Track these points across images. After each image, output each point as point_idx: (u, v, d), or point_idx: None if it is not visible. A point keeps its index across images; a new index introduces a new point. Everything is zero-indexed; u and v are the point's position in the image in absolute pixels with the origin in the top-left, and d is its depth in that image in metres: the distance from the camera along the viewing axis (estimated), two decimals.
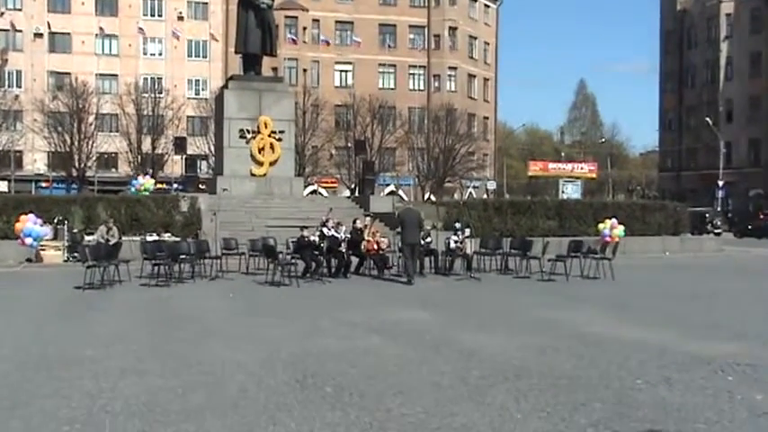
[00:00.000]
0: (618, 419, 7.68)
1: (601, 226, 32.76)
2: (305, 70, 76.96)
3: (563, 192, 73.73)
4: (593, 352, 11.26)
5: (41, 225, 27.93)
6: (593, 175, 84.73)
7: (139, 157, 66.43)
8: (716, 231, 50.61)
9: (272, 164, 37.09)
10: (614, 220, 32.71)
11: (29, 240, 27.46)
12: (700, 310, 16.83)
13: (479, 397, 8.61)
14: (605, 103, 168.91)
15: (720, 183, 72.33)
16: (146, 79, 73.08)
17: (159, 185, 62.46)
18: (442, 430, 7.41)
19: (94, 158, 67.14)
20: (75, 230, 29.07)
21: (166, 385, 9.09)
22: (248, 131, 36.78)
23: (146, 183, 42.50)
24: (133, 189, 41.41)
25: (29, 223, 27.61)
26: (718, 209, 66.36)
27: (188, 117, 71.15)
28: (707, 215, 53.99)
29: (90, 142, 66.22)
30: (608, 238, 30.79)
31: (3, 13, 72.00)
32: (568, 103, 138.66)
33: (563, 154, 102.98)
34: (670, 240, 37.51)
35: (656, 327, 13.95)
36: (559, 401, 8.39)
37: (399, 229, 22.93)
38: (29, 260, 27.53)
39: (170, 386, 9.04)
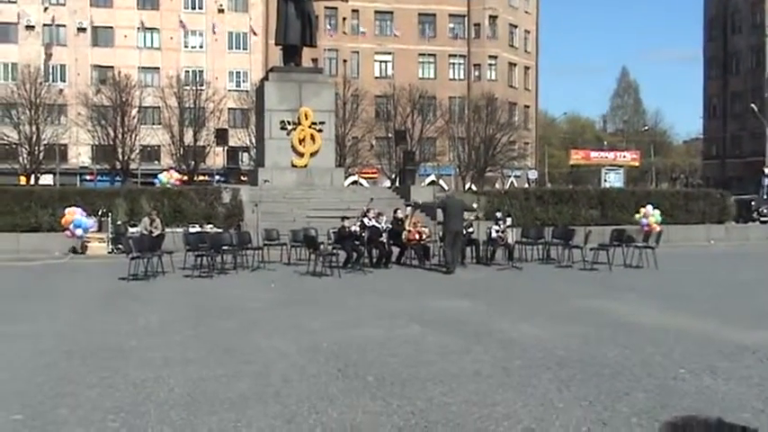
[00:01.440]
0: (661, 409, 7.61)
1: (637, 216, 32.41)
2: (345, 61, 76.98)
3: (605, 180, 73.07)
4: (636, 341, 11.18)
5: (87, 216, 28.30)
6: (636, 164, 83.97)
7: (181, 149, 66.91)
8: (762, 219, 49.86)
9: (312, 155, 37.19)
10: (649, 207, 32.26)
11: (79, 232, 27.82)
12: (745, 298, 16.64)
13: (521, 386, 8.59)
14: (648, 91, 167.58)
15: (766, 170, 71.24)
16: (187, 72, 73.46)
17: (201, 178, 63.18)
18: (483, 419, 7.40)
19: (137, 151, 67.72)
20: (119, 222, 29.42)
21: (210, 374, 9.17)
22: (289, 123, 36.90)
23: (163, 178, 42.73)
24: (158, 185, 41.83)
25: (77, 215, 27.97)
26: (765, 196, 65.34)
27: (229, 109, 71.48)
28: (752, 203, 53.23)
29: (133, 135, 66.83)
30: (647, 227, 30.44)
31: (46, 9, 72.77)
32: (610, 90, 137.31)
33: (605, 142, 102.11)
34: (715, 229, 37.10)
35: (700, 315, 13.82)
36: (602, 391, 8.34)
37: (442, 218, 22.86)
38: (74, 251, 27.87)
39: (213, 375, 9.12)
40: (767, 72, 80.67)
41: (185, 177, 52.69)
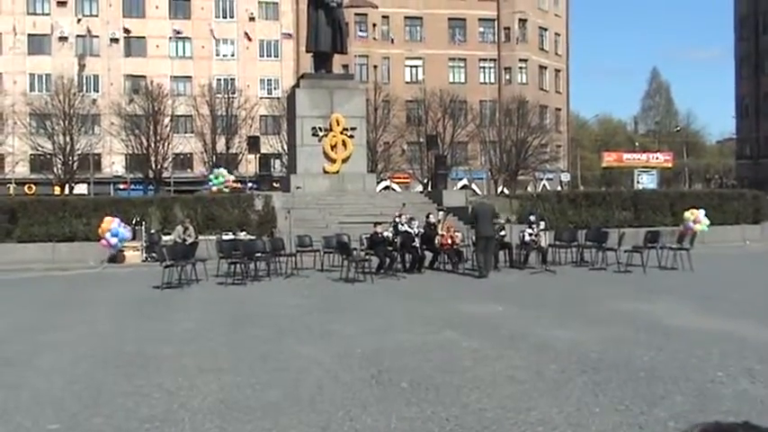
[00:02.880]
0: (699, 413, 7.52)
1: (686, 215, 31.69)
2: (375, 67, 77.01)
3: (638, 182, 72.66)
4: (672, 344, 11.07)
5: (124, 227, 28.40)
6: (669, 165, 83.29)
7: (214, 157, 67.15)
8: None
9: (344, 161, 37.19)
10: (701, 212, 31.52)
11: (114, 240, 27.94)
12: None
13: (556, 391, 8.54)
14: (680, 91, 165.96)
15: None
16: (219, 80, 73.79)
17: (234, 185, 63.38)
18: (519, 425, 7.36)
19: (170, 160, 68.08)
20: (152, 231, 29.54)
21: (243, 382, 9.19)
22: (320, 129, 36.91)
23: (222, 173, 43.56)
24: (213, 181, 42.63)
25: (114, 224, 28.09)
26: None
27: (261, 116, 71.68)
28: None
29: (166, 144, 67.15)
30: (690, 230, 29.97)
31: (79, 20, 73.45)
32: (641, 91, 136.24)
33: (637, 144, 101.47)
34: (750, 229, 36.71)
35: (736, 317, 13.66)
36: (638, 395, 8.27)
37: (474, 223, 22.81)
38: (112, 260, 28.02)
39: (247, 383, 9.14)
40: None
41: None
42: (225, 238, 26.56)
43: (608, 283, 19.97)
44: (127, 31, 74.28)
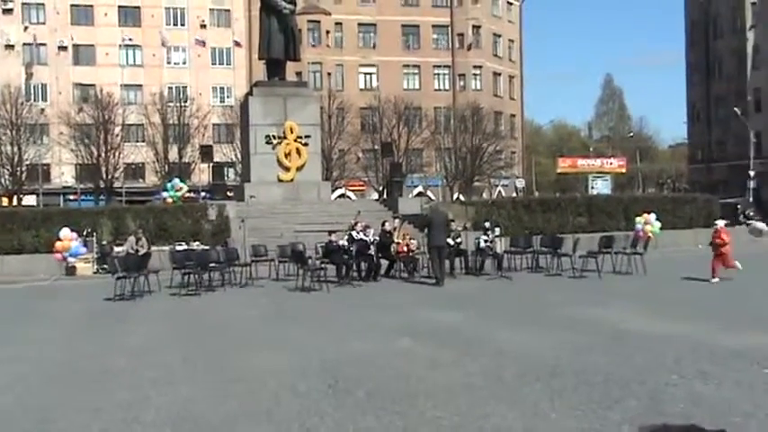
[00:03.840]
0: (653, 415, 7.57)
1: (638, 219, 32.16)
2: (329, 74, 76.96)
3: (593, 188, 73.19)
4: (626, 348, 11.15)
5: (76, 239, 27.95)
6: (623, 170, 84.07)
7: (166, 166, 66.63)
8: (748, 222, 49.98)
9: (298, 169, 37.05)
10: (652, 215, 32.01)
11: (72, 260, 27.58)
12: (734, 302, 16.64)
13: (513, 397, 8.55)
14: (633, 97, 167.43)
15: (751, 173, 71.44)
16: (170, 88, 73.15)
17: (187, 195, 62.91)
18: None
19: (122, 169, 67.44)
20: (104, 242, 29.15)
21: (199, 394, 9.08)
22: (274, 137, 36.74)
23: (177, 186, 42.87)
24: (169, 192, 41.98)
25: (74, 242, 27.65)
26: (750, 199, 65.53)
27: (214, 125, 71.27)
28: (738, 206, 53.37)
29: (117, 153, 66.53)
30: (641, 233, 30.33)
31: (26, 28, 72.49)
32: (595, 98, 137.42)
33: (591, 149, 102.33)
34: (702, 233, 37.03)
35: (690, 320, 13.81)
36: (593, 399, 8.30)
37: (426, 231, 22.80)
38: (67, 273, 27.59)
39: (202, 395, 9.03)
40: (749, 76, 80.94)
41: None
42: (178, 248, 26.28)
43: (563, 289, 20.08)
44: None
